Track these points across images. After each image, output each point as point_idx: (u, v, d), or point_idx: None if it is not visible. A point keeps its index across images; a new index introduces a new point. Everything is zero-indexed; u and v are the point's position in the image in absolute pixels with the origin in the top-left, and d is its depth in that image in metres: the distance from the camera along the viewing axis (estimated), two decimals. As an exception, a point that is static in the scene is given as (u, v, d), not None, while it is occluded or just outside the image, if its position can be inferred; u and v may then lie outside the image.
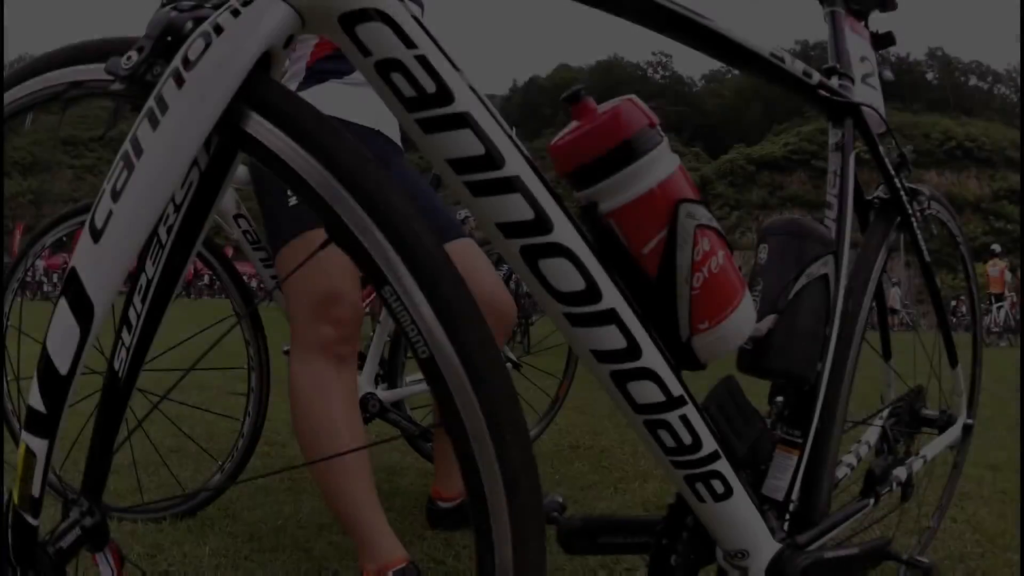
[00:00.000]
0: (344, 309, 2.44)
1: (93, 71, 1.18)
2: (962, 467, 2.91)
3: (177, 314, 1.35)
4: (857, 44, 2.23)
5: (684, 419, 1.33)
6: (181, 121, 1.01)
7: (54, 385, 1.02)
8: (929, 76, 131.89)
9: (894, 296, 26.32)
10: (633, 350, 1.27)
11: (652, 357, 1.29)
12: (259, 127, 1.06)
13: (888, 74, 2.34)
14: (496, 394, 1.01)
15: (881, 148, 2.14)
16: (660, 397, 1.31)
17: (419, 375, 3.82)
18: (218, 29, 1.04)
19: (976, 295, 2.96)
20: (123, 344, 1.15)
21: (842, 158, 1.96)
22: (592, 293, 1.22)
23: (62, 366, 1.01)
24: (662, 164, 1.35)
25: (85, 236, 1.01)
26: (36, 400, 1.03)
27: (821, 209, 1.92)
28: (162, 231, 1.15)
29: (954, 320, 25.24)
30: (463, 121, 1.12)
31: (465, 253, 2.81)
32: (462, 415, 1.01)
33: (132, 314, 1.15)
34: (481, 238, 3.45)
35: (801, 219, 1.76)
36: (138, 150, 1.01)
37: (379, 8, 1.09)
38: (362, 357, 3.60)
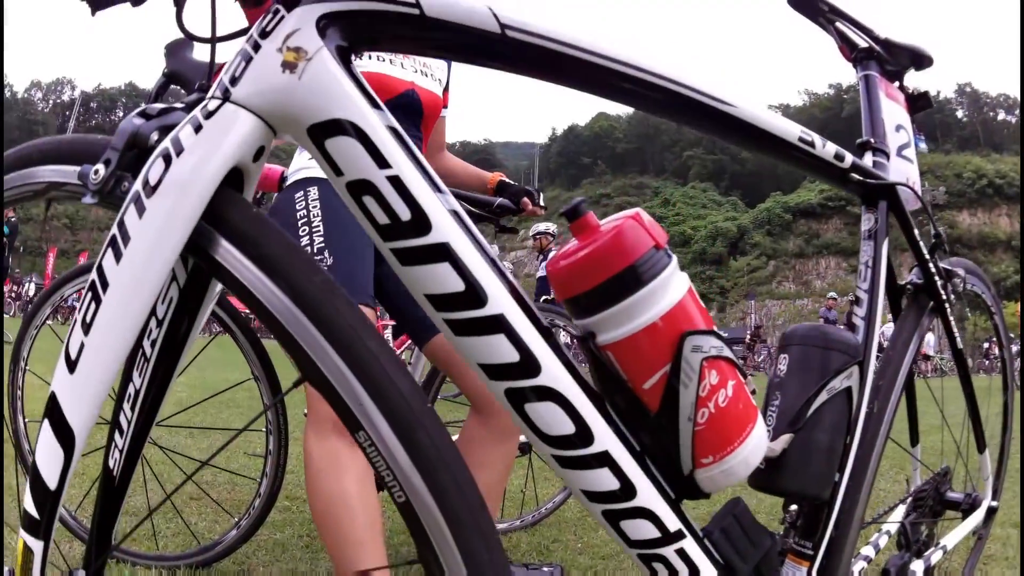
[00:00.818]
0: None
1: (69, 174, 1.17)
2: (986, 539, 2.79)
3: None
4: (892, 112, 2.15)
5: (681, 552, 1.24)
6: (144, 253, 0.98)
7: (44, 497, 1.02)
8: (959, 113, 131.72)
9: (928, 342, 26.11)
10: (627, 491, 1.18)
11: (648, 496, 1.20)
12: (227, 254, 1.03)
13: (923, 146, 2.28)
14: (476, 538, 0.98)
15: (916, 231, 2.05)
16: (655, 534, 1.21)
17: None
18: (178, 147, 1.01)
19: (1012, 378, 2.80)
20: (116, 447, 1.14)
21: (874, 247, 1.86)
22: (583, 437, 1.14)
23: (50, 481, 1.02)
24: (668, 292, 1.23)
25: (61, 364, 1.01)
26: (30, 505, 1.03)
27: (855, 256, 1.85)
28: (146, 344, 1.13)
29: (986, 362, 24.99)
30: (441, 254, 1.06)
31: None
32: (441, 559, 0.98)
33: (123, 420, 1.14)
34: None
35: (825, 327, 1.66)
36: (104, 283, 0.99)
37: (350, 120, 1.06)
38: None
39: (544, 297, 12.95)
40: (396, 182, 1.05)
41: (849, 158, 1.75)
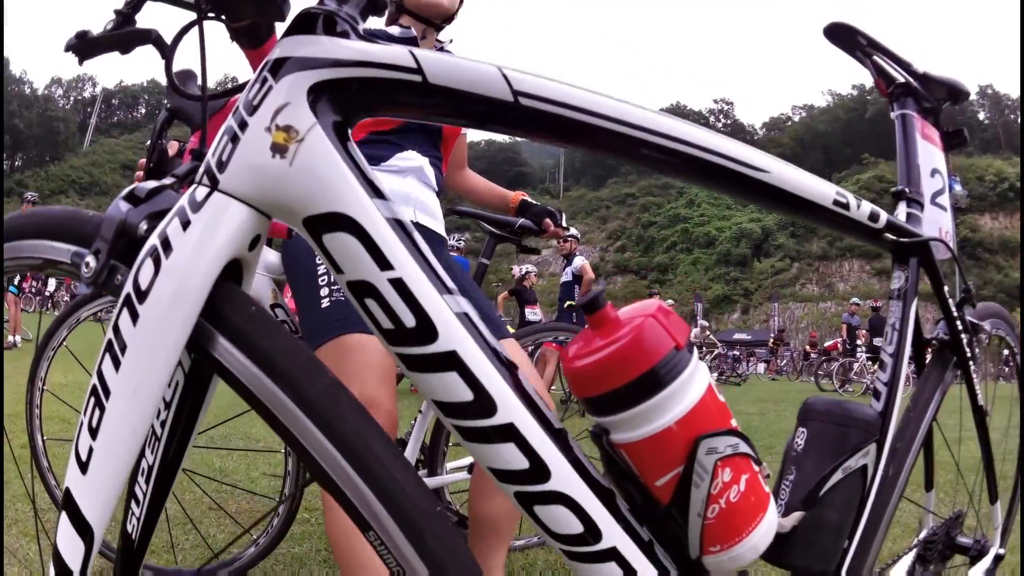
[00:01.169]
0: (379, 418, 2.29)
1: (64, 253, 1.15)
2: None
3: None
4: (928, 154, 2.12)
5: None
6: (142, 362, 0.96)
7: None
8: (981, 115, 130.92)
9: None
10: None
11: None
12: (227, 353, 1.00)
13: (959, 189, 2.24)
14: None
15: (946, 288, 1.98)
16: None
17: (460, 463, 3.78)
18: (167, 246, 0.98)
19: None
20: (133, 513, 1.13)
21: (903, 307, 1.82)
22: (592, 534, 1.10)
23: (73, 567, 1.01)
24: (686, 394, 1.18)
25: (73, 463, 1.00)
26: None
27: (880, 259, 1.80)
28: (156, 424, 1.11)
29: (1006, 370, 24.94)
30: (449, 362, 1.02)
31: None
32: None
33: (138, 491, 1.13)
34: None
35: (845, 403, 1.63)
36: (105, 390, 0.98)
37: (348, 214, 1.01)
38: (403, 443, 3.57)
39: (568, 302, 12.88)
40: (399, 285, 1.01)
41: (883, 217, 1.69)
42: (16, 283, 17.95)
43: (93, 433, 0.98)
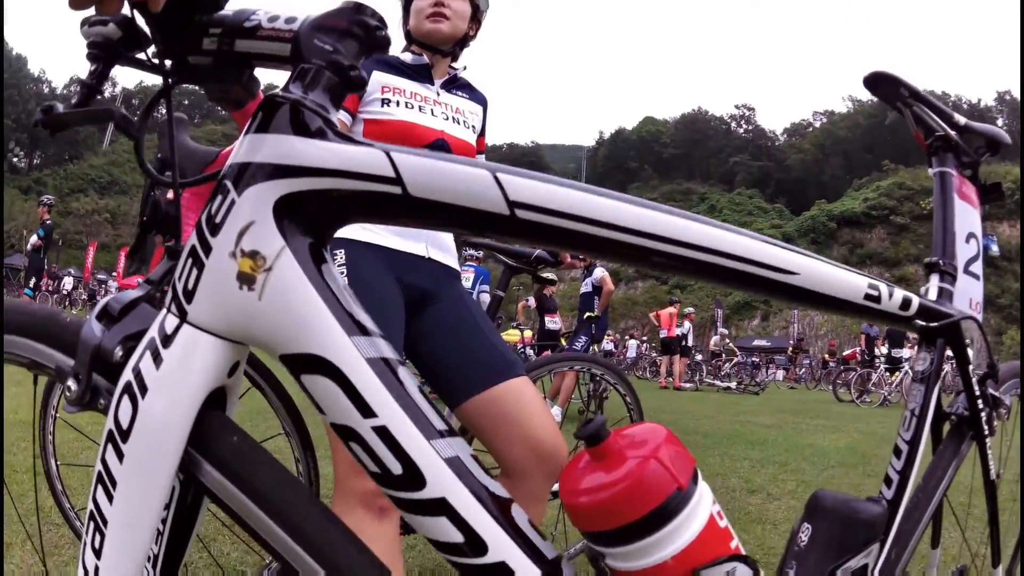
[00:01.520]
0: None
1: (48, 359, 1.11)
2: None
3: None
4: (964, 217, 2.08)
5: None
6: (133, 496, 0.95)
7: None
8: (1000, 122, 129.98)
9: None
10: None
11: None
12: (215, 481, 0.98)
13: (995, 248, 2.20)
14: None
15: (971, 365, 1.89)
16: None
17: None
18: (142, 385, 0.94)
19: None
20: None
21: (925, 393, 1.75)
22: None
23: None
24: (685, 531, 1.14)
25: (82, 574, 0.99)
26: None
27: (900, 266, 1.74)
28: (158, 524, 1.09)
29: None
30: (438, 508, 0.98)
31: (519, 393, 2.62)
32: None
33: (145, 574, 1.12)
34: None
35: (853, 501, 1.59)
36: (103, 519, 0.96)
37: (325, 357, 0.95)
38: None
39: (588, 314, 12.81)
40: (383, 433, 0.96)
41: (915, 303, 1.61)
42: (32, 284, 18.08)
43: (97, 554, 0.97)
